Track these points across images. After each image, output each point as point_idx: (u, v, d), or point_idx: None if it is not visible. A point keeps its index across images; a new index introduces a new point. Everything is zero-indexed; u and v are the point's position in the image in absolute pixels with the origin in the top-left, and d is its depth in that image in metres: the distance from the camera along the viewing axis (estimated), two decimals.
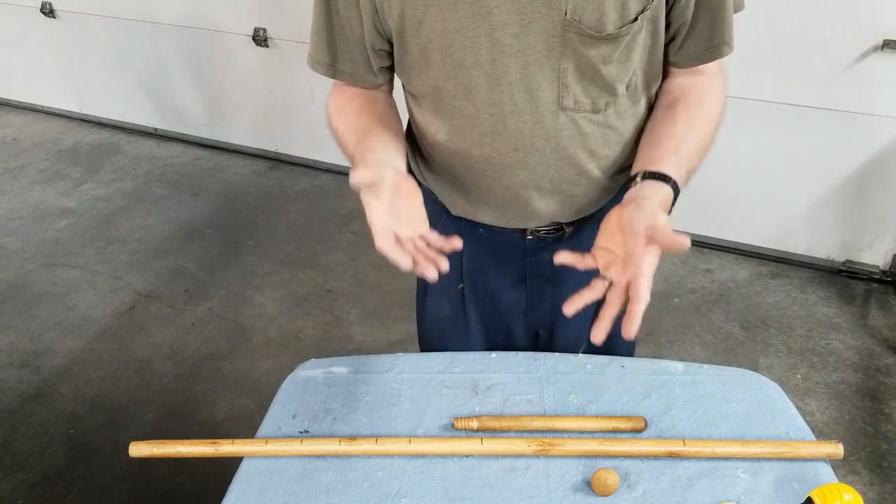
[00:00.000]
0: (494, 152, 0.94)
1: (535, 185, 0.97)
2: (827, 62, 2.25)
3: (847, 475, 1.81)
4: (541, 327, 1.18)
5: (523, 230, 1.06)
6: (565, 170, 0.96)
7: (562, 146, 0.93)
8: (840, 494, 0.81)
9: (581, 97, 0.90)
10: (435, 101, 0.95)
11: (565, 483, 0.89)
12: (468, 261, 1.11)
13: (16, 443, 2.00)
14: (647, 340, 2.30)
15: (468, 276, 1.11)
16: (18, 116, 4.03)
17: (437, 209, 1.10)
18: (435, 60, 0.89)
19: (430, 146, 1.02)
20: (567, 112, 0.91)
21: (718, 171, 2.50)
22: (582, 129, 0.93)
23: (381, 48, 0.95)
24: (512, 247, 1.08)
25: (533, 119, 0.91)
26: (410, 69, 0.94)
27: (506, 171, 0.96)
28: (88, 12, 3.51)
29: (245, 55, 3.23)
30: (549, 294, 1.13)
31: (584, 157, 0.96)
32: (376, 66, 0.97)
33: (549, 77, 0.88)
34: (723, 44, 0.92)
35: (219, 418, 2.07)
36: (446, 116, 0.94)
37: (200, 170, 3.45)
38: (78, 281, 2.66)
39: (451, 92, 0.91)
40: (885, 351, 2.22)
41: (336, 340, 2.35)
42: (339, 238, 2.89)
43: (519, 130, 0.92)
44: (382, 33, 0.93)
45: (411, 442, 0.94)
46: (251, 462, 0.94)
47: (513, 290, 1.12)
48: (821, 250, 2.60)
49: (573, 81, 0.88)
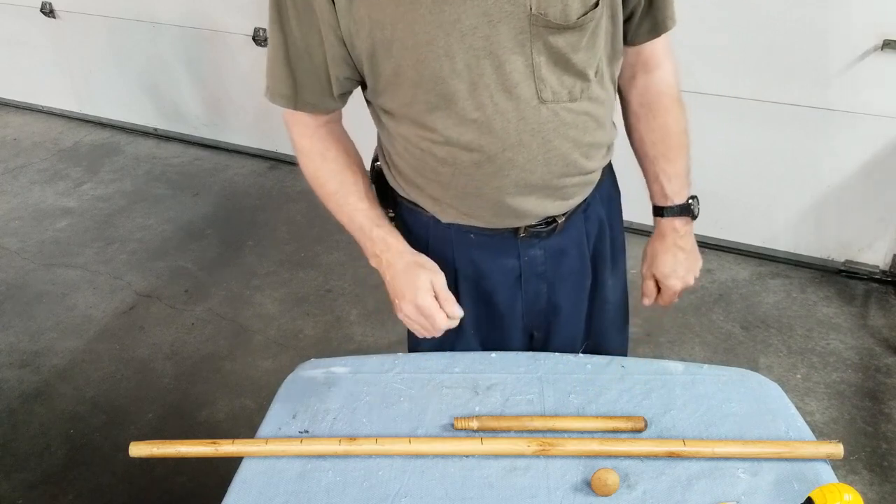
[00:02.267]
0: (483, 156, 0.95)
1: (526, 183, 0.98)
2: (827, 62, 2.25)
3: (847, 475, 1.81)
4: (536, 329, 1.18)
5: (516, 229, 1.06)
6: (553, 163, 0.97)
7: (547, 139, 0.95)
8: (840, 494, 0.81)
9: (557, 88, 0.92)
10: (416, 115, 0.94)
11: (565, 483, 0.89)
12: (461, 264, 1.10)
13: (16, 443, 2.00)
14: (647, 340, 2.30)
15: (462, 280, 1.11)
16: (18, 116, 4.03)
17: (424, 220, 1.09)
18: (410, 76, 0.89)
19: (411, 158, 1.01)
20: (547, 104, 0.92)
21: (718, 171, 2.50)
22: (563, 119, 0.94)
23: (346, 76, 0.95)
24: (505, 247, 1.08)
25: (517, 117, 0.92)
26: (385, 90, 0.94)
27: (496, 173, 0.96)
28: (88, 12, 3.52)
29: (245, 55, 3.23)
30: (544, 293, 1.13)
31: (568, 148, 0.97)
32: (337, 92, 0.97)
33: (524, 73, 0.89)
34: (667, 18, 1.01)
35: (219, 418, 2.07)
36: (429, 128, 0.94)
37: (200, 170, 3.45)
38: (78, 281, 2.66)
39: (431, 104, 0.92)
40: (885, 351, 2.22)
41: (336, 340, 2.35)
42: (339, 238, 2.88)
43: (505, 130, 0.93)
44: (349, 62, 0.93)
45: (411, 442, 0.94)
46: (251, 462, 0.94)
47: (507, 291, 1.12)
48: (821, 250, 2.60)
49: (548, 73, 0.90)
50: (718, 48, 2.32)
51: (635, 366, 1.09)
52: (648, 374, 1.07)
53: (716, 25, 2.28)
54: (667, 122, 1.08)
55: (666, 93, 1.07)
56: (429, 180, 1.02)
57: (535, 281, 1.11)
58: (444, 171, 0.98)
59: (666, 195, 1.10)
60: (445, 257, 1.08)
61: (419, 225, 1.10)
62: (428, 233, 1.09)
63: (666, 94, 1.07)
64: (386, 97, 0.96)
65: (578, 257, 1.13)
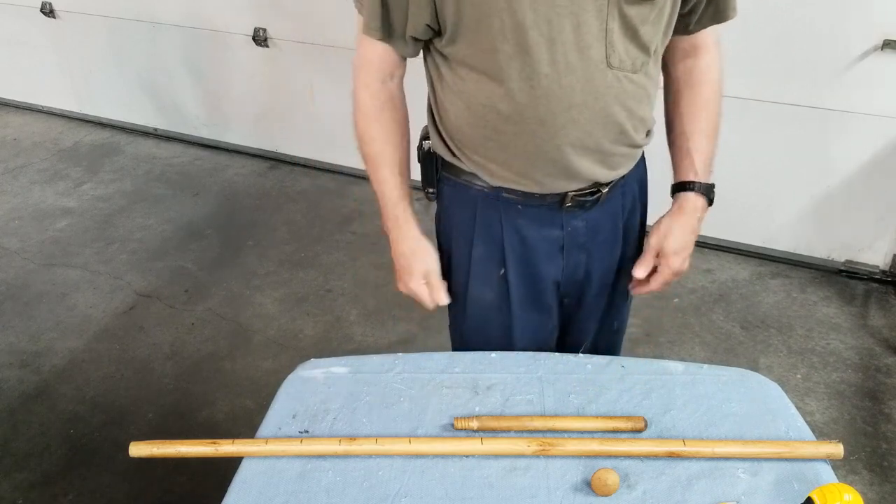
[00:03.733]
0: (549, 113, 0.98)
1: (583, 144, 1.02)
2: (827, 62, 2.25)
3: (847, 475, 1.81)
4: (568, 296, 1.21)
5: (563, 198, 1.08)
6: (609, 128, 1.01)
7: (608, 104, 0.99)
8: (840, 494, 0.81)
9: (624, 56, 0.96)
10: (489, 65, 0.97)
11: (565, 483, 0.89)
12: (508, 235, 1.12)
13: (16, 443, 2.00)
14: (647, 340, 2.30)
15: (509, 252, 1.13)
16: (18, 116, 4.03)
17: (472, 195, 1.12)
18: (494, 23, 0.92)
19: (472, 116, 1.03)
20: (613, 70, 0.96)
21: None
22: (625, 87, 0.99)
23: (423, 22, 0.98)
24: (550, 218, 1.11)
25: (585, 77, 0.95)
26: (463, 35, 0.96)
27: (559, 131, 0.99)
28: (88, 12, 3.52)
29: (245, 55, 3.23)
30: (583, 263, 1.16)
31: (623, 116, 1.01)
32: (410, 34, 1.00)
33: (597, 36, 0.93)
34: (729, 7, 1.06)
35: (219, 418, 2.07)
36: (501, 79, 0.97)
37: (200, 170, 3.45)
38: (78, 281, 2.66)
39: (508, 53, 0.94)
40: (885, 351, 2.22)
41: (336, 340, 2.35)
42: (339, 238, 2.89)
43: (572, 88, 0.96)
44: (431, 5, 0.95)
45: (411, 442, 0.94)
46: (251, 462, 0.94)
47: (550, 261, 1.15)
48: (821, 250, 2.60)
49: (618, 40, 0.95)
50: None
51: (635, 366, 1.09)
52: (648, 374, 1.07)
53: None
54: (709, 101, 1.12)
55: (712, 76, 1.12)
56: (487, 139, 1.05)
57: (577, 252, 1.15)
58: (507, 127, 1.01)
59: (697, 171, 1.12)
60: (493, 231, 1.12)
61: (466, 201, 1.13)
62: (476, 206, 1.12)
63: (712, 77, 1.12)
64: (463, 44, 0.98)
65: (613, 230, 1.17)
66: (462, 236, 1.15)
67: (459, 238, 1.16)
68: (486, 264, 1.15)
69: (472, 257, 1.15)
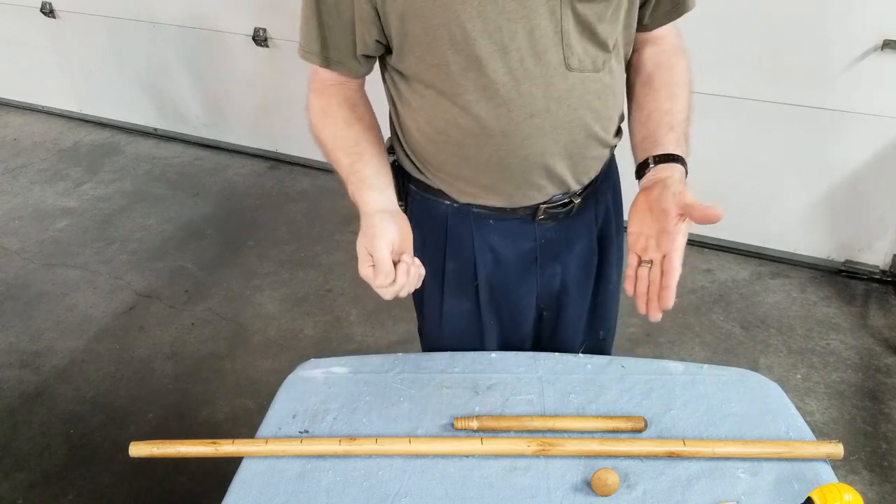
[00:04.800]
0: (510, 123, 0.95)
1: (550, 152, 0.99)
2: (827, 62, 2.25)
3: (847, 475, 1.81)
4: (546, 308, 1.20)
5: (534, 211, 1.06)
6: (576, 132, 0.98)
7: (572, 107, 0.95)
8: (840, 494, 0.81)
9: (583, 56, 0.93)
10: (443, 80, 0.94)
11: (565, 483, 0.89)
12: (480, 251, 1.11)
13: (16, 443, 2.00)
14: (647, 340, 2.30)
15: (481, 267, 1.12)
16: (18, 116, 4.03)
17: (442, 210, 1.09)
18: (441, 36, 0.89)
19: (433, 132, 1.00)
20: (574, 72, 0.93)
21: (718, 170, 2.50)
22: (588, 88, 0.95)
23: (373, 39, 0.94)
24: (523, 231, 1.09)
25: (544, 83, 0.92)
26: (411, 51, 0.93)
27: (523, 141, 0.96)
28: (88, 12, 3.52)
29: (245, 55, 3.23)
30: (558, 274, 1.15)
31: (590, 118, 0.98)
32: (361, 51, 0.96)
33: (553, 39, 0.90)
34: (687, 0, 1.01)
35: (219, 418, 2.07)
36: (457, 93, 0.94)
37: (200, 170, 3.45)
38: (78, 281, 2.66)
39: (461, 65, 0.91)
40: (885, 351, 2.22)
41: (336, 340, 2.35)
42: (339, 238, 2.89)
43: (532, 96, 0.93)
44: (377, 22, 0.92)
45: (411, 442, 0.94)
46: (251, 462, 0.94)
47: (524, 274, 1.13)
48: (821, 250, 2.60)
49: (575, 41, 0.91)
50: (719, 48, 2.32)
51: (635, 366, 1.09)
52: (648, 374, 1.07)
53: (715, 25, 2.28)
54: (684, 82, 1.03)
55: (680, 62, 1.04)
56: (451, 155, 1.01)
57: (551, 263, 1.13)
58: (469, 142, 0.98)
59: (683, 148, 0.96)
60: (464, 247, 1.10)
61: (436, 217, 1.10)
62: (446, 223, 1.10)
63: (680, 63, 1.05)
64: (412, 60, 0.94)
65: (588, 239, 1.15)
66: (434, 252, 1.12)
67: (431, 254, 1.12)
68: (459, 278, 1.13)
69: (444, 273, 1.13)
